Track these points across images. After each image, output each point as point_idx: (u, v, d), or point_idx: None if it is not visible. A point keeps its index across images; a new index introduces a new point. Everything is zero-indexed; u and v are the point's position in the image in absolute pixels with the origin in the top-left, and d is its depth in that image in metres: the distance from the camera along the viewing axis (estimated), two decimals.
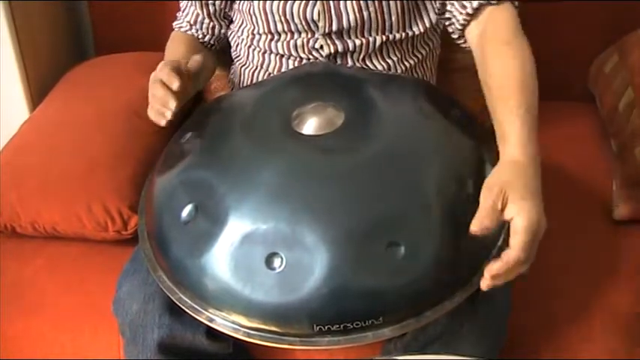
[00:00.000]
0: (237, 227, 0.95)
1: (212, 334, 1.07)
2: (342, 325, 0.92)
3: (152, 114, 1.14)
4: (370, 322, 0.92)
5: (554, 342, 1.18)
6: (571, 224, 1.34)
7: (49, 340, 1.26)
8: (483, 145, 1.07)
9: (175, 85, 1.09)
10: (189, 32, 1.37)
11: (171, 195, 1.04)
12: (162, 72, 1.11)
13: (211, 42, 1.37)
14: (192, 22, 1.36)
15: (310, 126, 1.04)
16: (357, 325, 0.92)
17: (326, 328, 0.92)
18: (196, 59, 1.17)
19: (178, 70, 1.11)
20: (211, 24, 1.36)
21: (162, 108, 1.10)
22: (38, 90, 1.61)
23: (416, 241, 0.94)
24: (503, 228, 1.02)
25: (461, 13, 1.21)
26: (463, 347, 1.06)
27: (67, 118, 1.46)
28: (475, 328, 1.07)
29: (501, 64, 1.11)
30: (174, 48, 1.33)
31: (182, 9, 1.39)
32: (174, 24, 1.39)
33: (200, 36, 1.36)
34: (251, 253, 0.94)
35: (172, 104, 1.09)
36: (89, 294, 1.28)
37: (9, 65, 1.56)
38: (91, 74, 1.61)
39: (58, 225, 1.33)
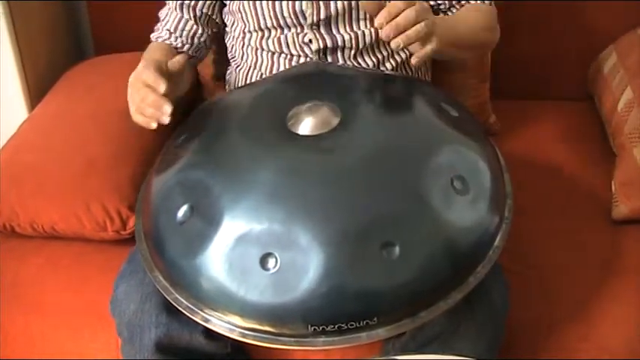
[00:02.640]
0: (231, 228, 0.95)
1: (210, 333, 1.07)
2: (336, 326, 0.92)
3: (140, 118, 1.11)
4: (365, 322, 0.92)
5: (552, 342, 1.18)
6: (570, 224, 1.34)
7: (48, 339, 1.26)
8: (480, 143, 1.07)
9: (162, 87, 1.07)
10: (167, 42, 1.34)
11: (168, 195, 1.04)
12: (146, 73, 1.09)
13: (189, 52, 1.34)
14: (172, 30, 1.34)
15: (306, 126, 1.04)
16: (351, 325, 0.92)
17: (320, 328, 0.92)
18: (178, 60, 1.14)
19: (161, 71, 1.09)
20: (193, 29, 1.33)
21: (156, 112, 1.08)
22: (37, 90, 1.61)
23: (410, 241, 0.93)
24: (499, 229, 1.02)
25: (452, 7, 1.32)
26: (461, 346, 1.06)
27: (66, 117, 1.46)
28: (472, 327, 1.07)
29: (474, 14, 1.29)
30: (151, 54, 1.29)
31: (162, 17, 1.37)
32: (152, 36, 1.37)
33: (179, 45, 1.34)
34: (246, 254, 0.94)
35: (168, 108, 1.07)
36: (88, 293, 1.27)
37: (8, 65, 1.56)
38: (89, 74, 1.61)
39: (57, 225, 1.33)
